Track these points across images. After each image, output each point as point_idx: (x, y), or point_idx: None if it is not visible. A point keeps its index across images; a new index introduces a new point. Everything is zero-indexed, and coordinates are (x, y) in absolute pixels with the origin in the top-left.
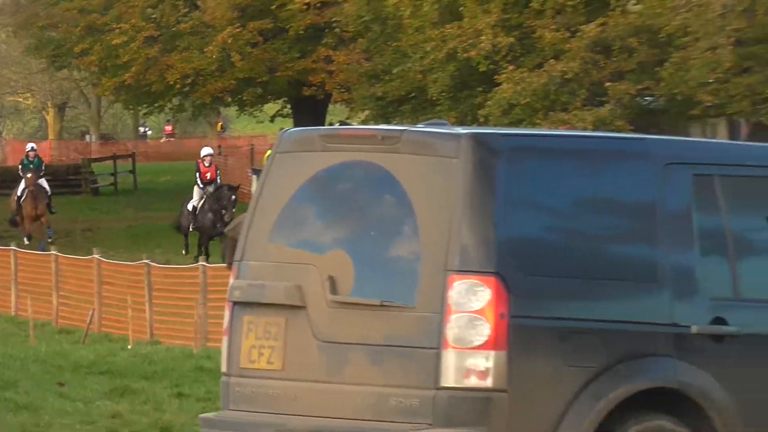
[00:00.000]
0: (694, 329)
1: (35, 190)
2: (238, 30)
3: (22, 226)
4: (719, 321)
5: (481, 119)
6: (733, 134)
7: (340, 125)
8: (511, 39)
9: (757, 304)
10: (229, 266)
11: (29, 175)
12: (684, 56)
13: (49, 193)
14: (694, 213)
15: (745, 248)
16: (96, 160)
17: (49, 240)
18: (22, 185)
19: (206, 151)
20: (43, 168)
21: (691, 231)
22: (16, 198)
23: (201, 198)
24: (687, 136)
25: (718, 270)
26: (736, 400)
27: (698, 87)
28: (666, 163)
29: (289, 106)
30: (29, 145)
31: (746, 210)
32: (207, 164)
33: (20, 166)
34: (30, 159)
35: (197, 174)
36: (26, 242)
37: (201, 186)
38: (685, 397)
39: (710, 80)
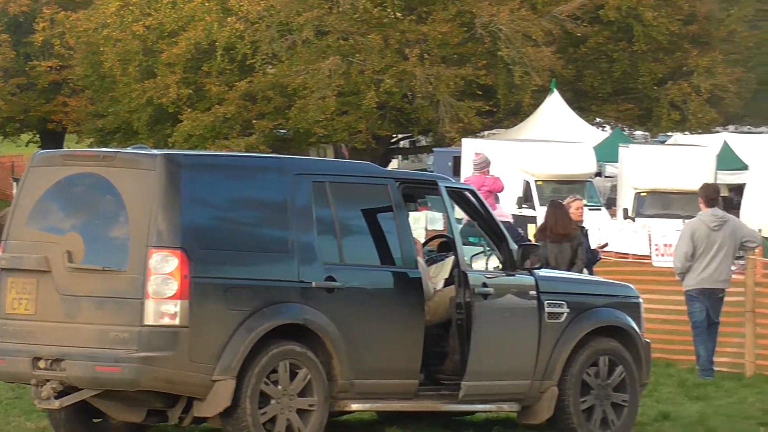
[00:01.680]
0: (314, 284)
1: None
2: (2, 84)
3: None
4: (330, 279)
5: (170, 145)
6: (337, 155)
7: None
8: (190, 90)
9: (355, 267)
10: None
11: None
12: (304, 103)
13: None
14: (313, 207)
15: (346, 230)
16: None
17: None
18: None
19: None
20: None
21: (311, 219)
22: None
23: None
24: (307, 155)
25: (329, 244)
26: (340, 329)
27: (314, 123)
28: (294, 174)
29: (38, 135)
30: None
31: (347, 204)
32: None
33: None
34: None
35: None
36: None
37: None
38: (308, 329)
39: (321, 119)
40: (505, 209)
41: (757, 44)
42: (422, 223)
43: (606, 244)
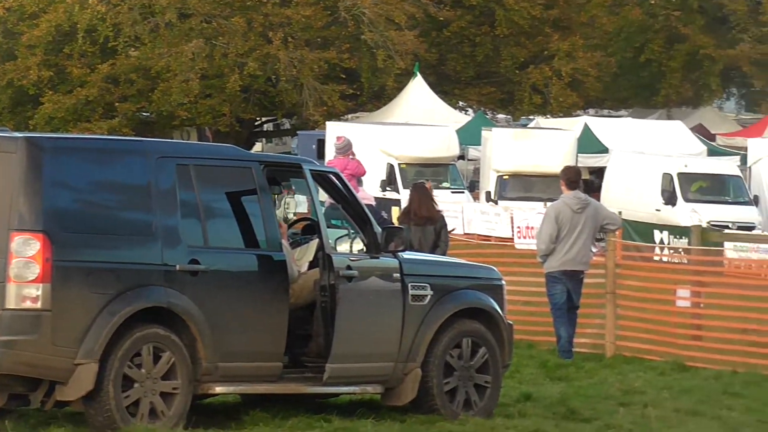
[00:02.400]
0: (178, 267)
1: None
2: None
3: None
4: (194, 261)
5: (31, 127)
6: (201, 138)
7: None
8: (51, 73)
9: (219, 250)
10: None
11: None
12: (167, 86)
13: None
14: (177, 190)
15: (210, 213)
16: None
17: None
18: None
19: None
20: None
21: (175, 202)
22: None
23: None
24: (171, 138)
25: (193, 228)
26: (204, 312)
27: (177, 106)
28: (158, 157)
29: None
30: None
31: (211, 188)
32: None
33: None
34: None
35: None
36: None
37: None
38: (173, 312)
39: (185, 102)
40: (367, 192)
41: (616, 29)
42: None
43: (453, 229)
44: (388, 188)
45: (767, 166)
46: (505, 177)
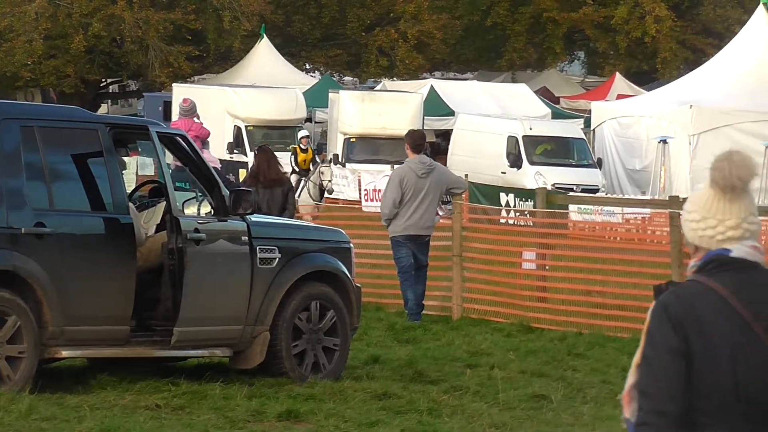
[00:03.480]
0: (23, 230)
1: None
2: None
3: None
4: (40, 225)
5: None
6: (45, 99)
7: None
8: None
9: (65, 213)
10: None
11: None
12: (11, 46)
13: None
14: (22, 152)
15: (56, 176)
16: None
17: None
18: None
19: None
20: None
21: (20, 164)
22: None
23: None
24: (15, 100)
25: (39, 190)
26: (50, 276)
27: (21, 67)
28: (1, 118)
29: None
30: None
31: (56, 150)
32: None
33: None
34: None
35: None
36: None
37: None
38: (18, 276)
39: (29, 62)
40: (213, 154)
41: None
42: (133, 168)
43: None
44: (235, 150)
45: (610, 129)
46: (352, 140)
